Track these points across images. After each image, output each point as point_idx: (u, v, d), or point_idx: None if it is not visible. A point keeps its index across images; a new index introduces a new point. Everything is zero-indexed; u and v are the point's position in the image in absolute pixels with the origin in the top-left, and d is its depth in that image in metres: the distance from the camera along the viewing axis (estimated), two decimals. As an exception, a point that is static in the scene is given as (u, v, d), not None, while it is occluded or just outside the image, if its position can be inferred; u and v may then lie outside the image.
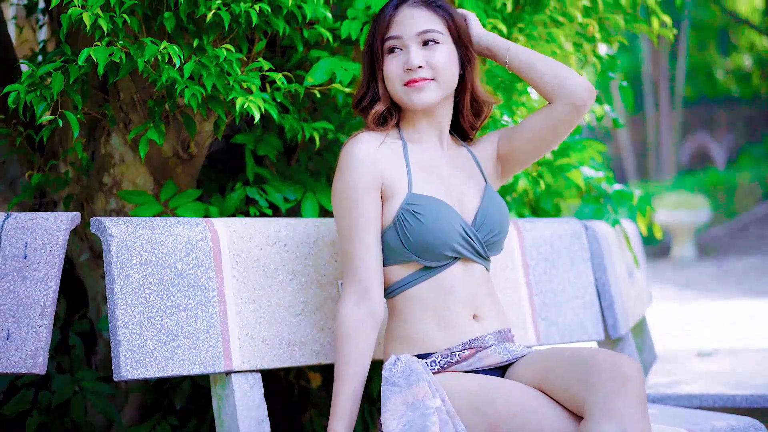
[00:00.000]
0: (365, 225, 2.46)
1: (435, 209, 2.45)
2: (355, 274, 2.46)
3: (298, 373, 3.45)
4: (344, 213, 2.48)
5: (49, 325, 2.35)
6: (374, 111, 2.56)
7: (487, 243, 2.53)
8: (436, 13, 2.52)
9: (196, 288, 2.49)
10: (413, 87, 2.49)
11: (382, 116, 2.58)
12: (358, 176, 2.47)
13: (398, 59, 2.51)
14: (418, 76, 2.48)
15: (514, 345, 2.51)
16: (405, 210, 2.45)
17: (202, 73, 2.60)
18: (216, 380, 2.55)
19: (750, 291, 12.03)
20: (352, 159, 2.48)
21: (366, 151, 2.49)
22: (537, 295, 3.16)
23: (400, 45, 2.51)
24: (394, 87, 2.52)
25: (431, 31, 2.50)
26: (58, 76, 2.56)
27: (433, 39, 2.50)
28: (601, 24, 3.51)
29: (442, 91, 2.52)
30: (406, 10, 2.52)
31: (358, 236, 2.46)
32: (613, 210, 3.83)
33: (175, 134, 2.98)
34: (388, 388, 2.37)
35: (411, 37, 2.50)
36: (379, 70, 2.55)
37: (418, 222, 2.43)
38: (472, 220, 2.53)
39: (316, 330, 2.69)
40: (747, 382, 3.39)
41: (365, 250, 2.45)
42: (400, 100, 2.53)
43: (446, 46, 2.52)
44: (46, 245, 2.39)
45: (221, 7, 2.58)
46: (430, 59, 2.49)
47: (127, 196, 2.98)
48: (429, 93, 2.50)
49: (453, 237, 2.45)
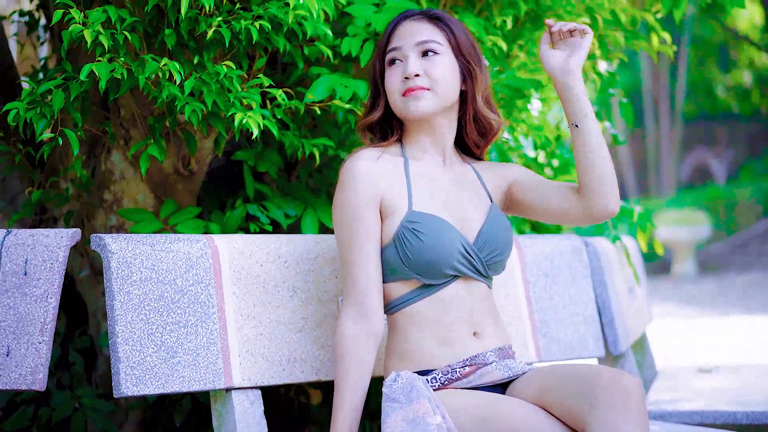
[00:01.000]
0: (364, 243, 2.45)
1: (435, 227, 2.44)
2: (354, 291, 2.45)
3: (299, 390, 3.45)
4: (344, 230, 2.48)
5: (49, 342, 2.35)
6: (368, 119, 2.57)
7: (488, 262, 2.52)
8: (436, 25, 2.52)
9: (196, 304, 2.49)
10: (409, 95, 2.48)
11: (380, 128, 2.58)
12: (358, 193, 2.46)
13: (398, 70, 2.51)
14: (415, 84, 2.48)
15: (514, 362, 2.51)
16: (405, 227, 2.44)
17: (203, 89, 2.60)
18: (216, 397, 2.55)
19: (751, 307, 12.01)
20: (351, 176, 2.48)
21: (366, 167, 2.49)
22: (537, 311, 3.16)
23: (399, 56, 2.51)
24: (393, 98, 2.52)
25: (430, 42, 2.50)
26: (59, 94, 2.56)
27: (431, 49, 2.50)
28: (601, 41, 3.51)
29: (439, 102, 2.50)
30: (407, 23, 2.54)
31: (357, 254, 2.45)
32: (613, 226, 3.83)
33: (176, 151, 2.98)
34: (388, 405, 2.36)
35: (410, 48, 2.50)
36: (381, 84, 2.56)
37: (418, 240, 2.43)
38: (474, 238, 2.51)
39: (317, 347, 2.69)
40: (748, 398, 3.38)
41: (364, 268, 2.45)
42: (398, 111, 2.53)
43: (445, 58, 2.51)
44: (46, 262, 2.39)
45: (222, 24, 2.59)
46: (428, 69, 2.49)
47: (127, 214, 2.98)
48: (424, 102, 2.48)
49: (453, 255, 2.44)
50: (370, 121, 2.57)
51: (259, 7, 2.65)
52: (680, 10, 3.27)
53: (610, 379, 2.18)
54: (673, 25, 14.11)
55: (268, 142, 3.12)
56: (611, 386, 2.16)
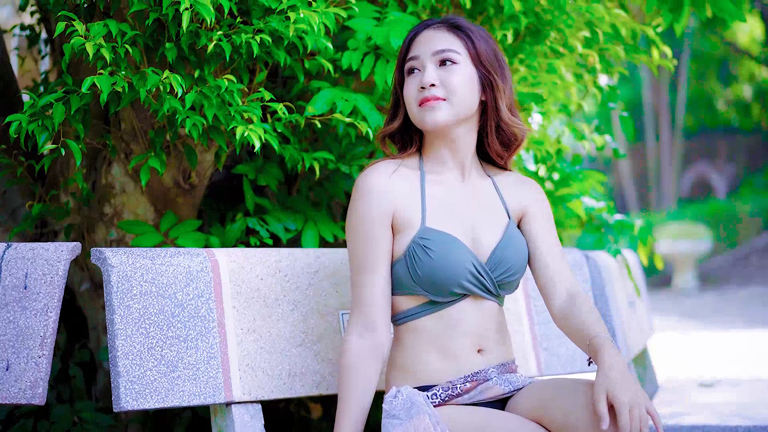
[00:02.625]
0: (374, 258, 2.44)
1: (446, 245, 2.42)
2: (361, 306, 2.44)
3: (299, 404, 3.44)
4: (355, 245, 2.47)
5: (48, 356, 2.34)
6: (387, 129, 2.54)
7: (500, 282, 2.48)
8: (455, 34, 2.47)
9: (196, 318, 2.49)
10: (425, 106, 2.44)
11: (399, 138, 2.55)
12: (371, 208, 2.44)
13: (416, 80, 2.47)
14: (431, 94, 2.43)
15: (515, 376, 2.49)
16: (416, 244, 2.42)
17: (204, 103, 2.60)
18: (216, 411, 2.54)
19: (752, 321, 11.99)
20: (365, 190, 2.46)
21: (380, 182, 2.46)
22: (538, 325, 3.15)
23: (418, 65, 2.47)
24: (411, 108, 2.48)
25: (447, 50, 2.45)
26: (60, 107, 2.56)
27: (449, 59, 2.45)
28: (602, 55, 3.52)
29: (455, 113, 2.45)
30: (426, 32, 2.50)
31: (366, 269, 2.44)
32: (614, 240, 3.83)
33: (176, 164, 2.98)
34: (388, 421, 2.35)
35: (428, 57, 2.45)
36: (401, 94, 2.53)
37: (428, 257, 2.40)
38: (487, 257, 2.47)
39: (317, 361, 2.68)
40: (749, 413, 3.37)
41: (373, 283, 2.43)
42: (416, 121, 2.48)
43: (463, 67, 2.46)
44: (46, 275, 2.38)
45: (222, 38, 2.59)
46: (445, 79, 2.44)
47: (127, 227, 2.98)
48: (440, 113, 2.43)
49: (462, 274, 2.41)
50: (389, 131, 2.54)
51: (259, 20, 2.65)
52: (681, 23, 3.28)
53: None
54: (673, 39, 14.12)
55: (268, 156, 3.12)
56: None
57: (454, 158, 2.52)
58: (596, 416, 2.15)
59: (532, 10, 3.19)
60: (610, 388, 2.14)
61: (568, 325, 2.43)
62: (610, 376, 2.16)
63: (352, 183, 3.23)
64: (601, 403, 2.12)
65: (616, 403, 2.11)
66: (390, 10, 2.94)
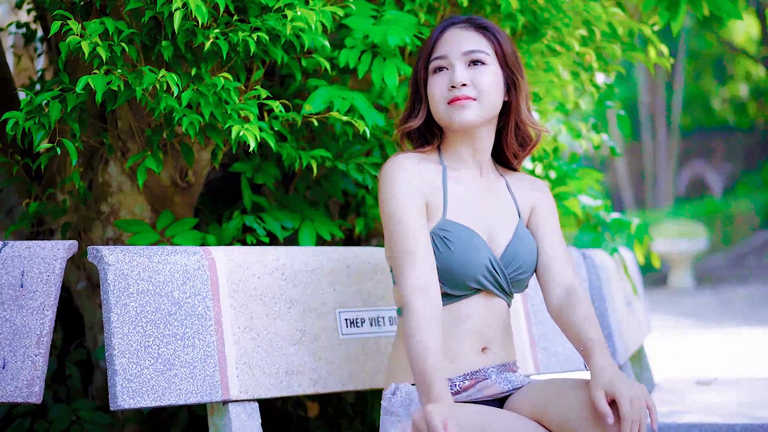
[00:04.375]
0: (419, 218, 2.41)
1: (466, 239, 2.42)
2: (415, 268, 2.35)
3: (296, 403, 3.44)
4: (397, 210, 2.41)
5: (45, 354, 2.34)
6: (405, 126, 2.54)
7: (512, 279, 2.49)
8: (483, 35, 2.49)
9: (193, 317, 2.48)
10: (455, 105, 2.45)
11: (420, 135, 2.55)
12: (409, 179, 2.43)
13: (444, 78, 2.48)
14: (462, 94, 2.44)
15: (514, 375, 2.49)
16: (436, 235, 2.42)
17: (200, 101, 2.60)
18: (213, 409, 2.54)
19: (748, 320, 12.01)
20: (398, 167, 2.45)
21: (411, 165, 2.46)
22: (536, 324, 3.15)
23: (446, 64, 2.48)
24: (437, 106, 2.49)
25: (478, 51, 2.46)
26: (56, 105, 2.56)
27: (479, 59, 2.46)
28: (599, 53, 3.52)
29: (483, 113, 2.47)
30: (453, 30, 2.50)
31: (412, 234, 2.38)
32: (611, 238, 3.83)
33: (173, 163, 2.98)
34: (387, 418, 2.35)
35: (457, 57, 2.46)
36: (423, 91, 2.53)
37: (448, 249, 2.40)
38: (501, 254, 2.48)
39: (314, 359, 2.68)
40: (746, 411, 3.37)
41: (421, 246, 2.38)
42: (441, 119, 2.49)
43: (492, 68, 2.48)
44: (42, 274, 2.38)
45: (219, 36, 2.59)
46: (475, 78, 2.45)
47: (124, 225, 2.97)
48: (470, 111, 2.45)
49: (479, 270, 2.42)
50: (411, 127, 2.54)
51: (256, 19, 2.65)
52: (678, 22, 3.27)
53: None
54: (669, 38, 14.13)
55: (265, 154, 3.12)
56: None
57: (474, 157, 2.55)
58: (596, 414, 2.15)
59: (529, 9, 3.19)
60: (609, 385, 2.15)
61: (561, 321, 2.45)
62: (604, 376, 2.18)
63: (349, 182, 3.22)
64: (600, 402, 2.13)
65: (618, 395, 2.12)
66: (387, 8, 2.94)
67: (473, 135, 2.51)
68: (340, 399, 3.50)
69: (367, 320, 2.80)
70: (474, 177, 2.55)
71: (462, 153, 2.54)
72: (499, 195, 2.58)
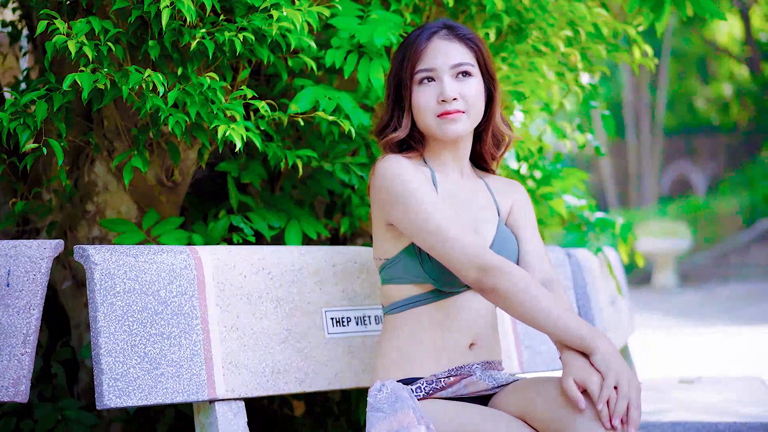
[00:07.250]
0: (436, 200, 2.43)
1: None
2: (468, 235, 2.37)
3: (282, 402, 3.44)
4: (415, 197, 2.42)
5: (31, 354, 2.34)
6: (391, 137, 2.55)
7: None
8: (467, 46, 2.53)
9: (179, 316, 2.49)
10: (446, 118, 2.49)
11: (402, 144, 2.57)
12: (412, 169, 2.46)
13: (431, 90, 2.50)
14: (453, 108, 2.48)
15: (499, 373, 2.51)
16: None
17: (186, 101, 2.60)
18: (199, 408, 2.54)
19: (732, 318, 12.07)
20: (395, 163, 2.46)
21: (407, 161, 2.49)
22: (520, 323, 3.16)
23: (433, 76, 2.51)
24: (425, 118, 2.52)
25: (465, 64, 2.51)
26: (42, 104, 2.56)
27: (466, 71, 2.51)
28: (583, 53, 3.53)
29: (471, 124, 2.54)
30: (438, 42, 2.52)
31: (441, 206, 2.42)
32: (595, 238, 3.84)
33: (159, 162, 2.98)
34: (372, 415, 2.36)
35: (445, 70, 2.50)
36: (406, 100, 2.54)
37: None
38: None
39: (300, 358, 2.68)
40: (730, 409, 3.39)
41: (458, 224, 2.39)
42: (429, 131, 2.53)
43: (477, 78, 2.53)
44: (29, 273, 2.38)
45: (205, 36, 2.59)
46: (463, 91, 2.49)
47: (110, 225, 2.97)
48: (461, 125, 2.50)
49: None
50: (396, 138, 2.55)
51: (243, 19, 2.65)
52: (662, 22, 3.29)
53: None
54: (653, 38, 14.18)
55: (251, 154, 3.12)
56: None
57: (455, 161, 2.60)
58: (578, 409, 2.16)
59: (515, 9, 3.20)
60: (578, 373, 2.19)
61: None
62: (574, 365, 2.22)
63: (334, 181, 3.23)
64: (571, 389, 2.17)
65: (585, 381, 2.17)
66: (373, 8, 2.95)
67: (457, 142, 2.57)
68: (326, 398, 3.51)
69: (353, 319, 2.80)
70: (457, 178, 2.60)
71: (444, 157, 2.59)
72: (479, 195, 2.62)
